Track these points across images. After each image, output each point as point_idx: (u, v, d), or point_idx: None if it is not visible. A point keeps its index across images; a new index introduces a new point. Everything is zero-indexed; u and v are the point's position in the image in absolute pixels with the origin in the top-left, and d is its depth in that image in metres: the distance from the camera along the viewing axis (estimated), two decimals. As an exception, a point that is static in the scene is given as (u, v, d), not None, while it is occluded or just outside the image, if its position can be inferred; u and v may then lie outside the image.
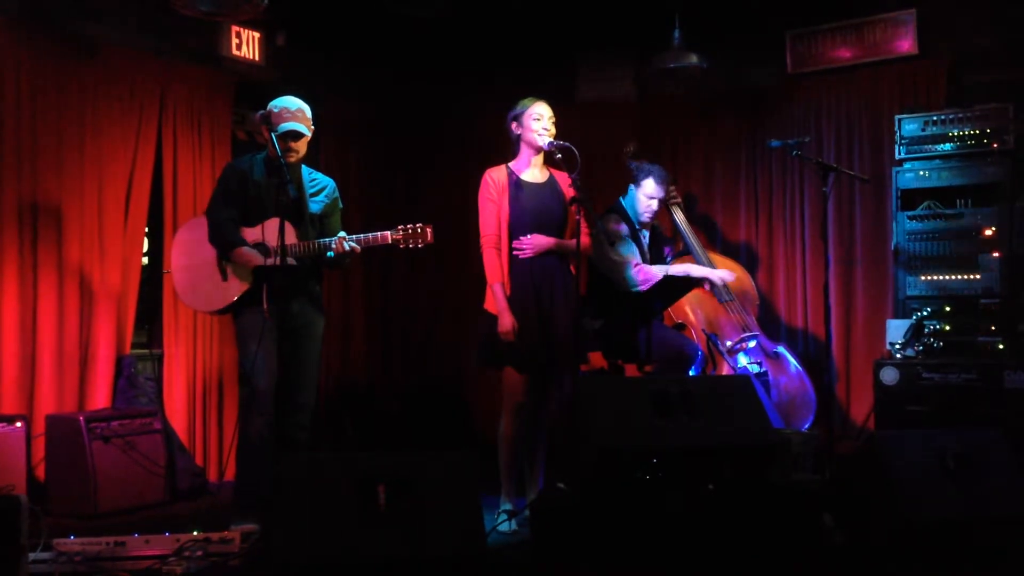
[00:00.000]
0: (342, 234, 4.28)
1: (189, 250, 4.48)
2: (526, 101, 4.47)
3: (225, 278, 4.34)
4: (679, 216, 5.53)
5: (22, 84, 4.89)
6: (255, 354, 4.18)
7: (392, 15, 5.42)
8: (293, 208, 4.17)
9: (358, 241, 4.24)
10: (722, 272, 5.26)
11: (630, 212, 5.16)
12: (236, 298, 4.32)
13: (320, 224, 4.43)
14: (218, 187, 4.43)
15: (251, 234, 4.32)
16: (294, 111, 4.28)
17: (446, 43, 6.49)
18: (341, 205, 4.57)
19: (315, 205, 4.42)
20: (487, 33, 6.41)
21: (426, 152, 7.08)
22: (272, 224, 4.20)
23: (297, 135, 4.28)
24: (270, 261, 4.22)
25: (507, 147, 4.60)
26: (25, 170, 4.91)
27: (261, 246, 4.27)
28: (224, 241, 4.32)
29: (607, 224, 5.02)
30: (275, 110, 4.28)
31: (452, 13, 5.38)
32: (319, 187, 4.48)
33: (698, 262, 5.37)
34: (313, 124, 4.39)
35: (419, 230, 4.22)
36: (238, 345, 4.41)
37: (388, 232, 4.23)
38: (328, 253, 4.26)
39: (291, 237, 4.18)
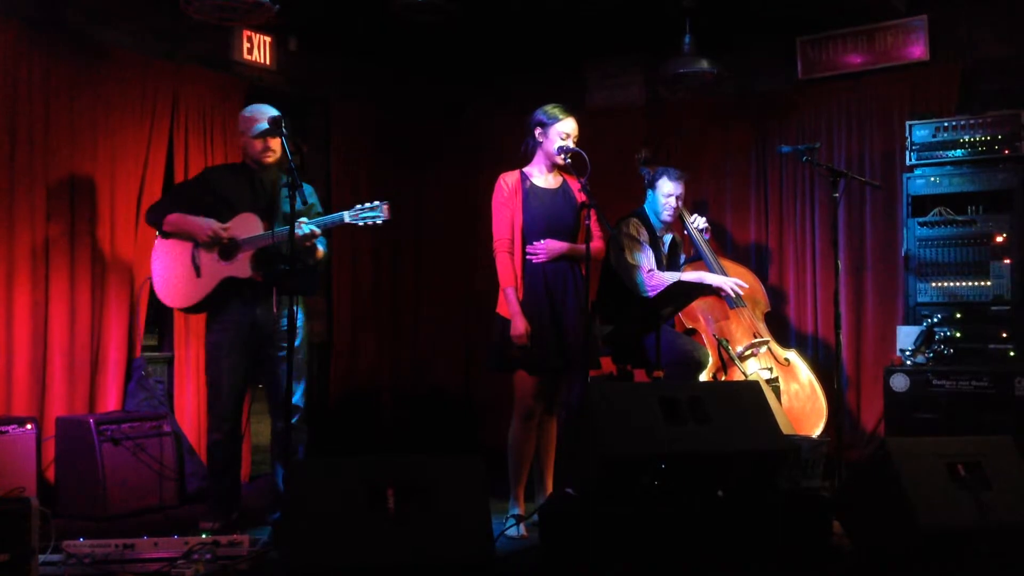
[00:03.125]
0: (302, 219, 4.30)
1: (167, 250, 4.51)
2: (557, 112, 4.43)
3: (199, 275, 4.40)
4: (690, 221, 5.52)
5: (35, 88, 4.91)
6: (220, 361, 4.35)
7: (402, 20, 5.43)
8: (264, 205, 4.37)
9: (317, 224, 4.29)
10: (734, 280, 5.26)
11: (651, 217, 5.18)
12: (208, 293, 4.37)
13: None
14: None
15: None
16: (265, 112, 4.41)
17: (456, 49, 6.50)
18: (320, 209, 4.59)
19: (287, 204, 4.46)
20: (497, 38, 6.41)
21: (436, 156, 7.09)
22: (240, 219, 4.33)
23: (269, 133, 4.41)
24: (238, 270, 4.32)
25: (518, 151, 4.60)
26: (38, 174, 4.93)
27: (231, 241, 4.34)
28: (154, 217, 4.48)
29: (627, 228, 5.04)
30: (247, 115, 4.44)
31: (462, 19, 5.39)
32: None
33: (710, 268, 5.36)
34: (326, 128, 4.43)
35: (375, 207, 4.25)
36: (206, 348, 4.52)
37: (344, 212, 4.27)
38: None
39: (258, 229, 4.31)
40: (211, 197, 4.43)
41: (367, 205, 4.25)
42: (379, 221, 4.24)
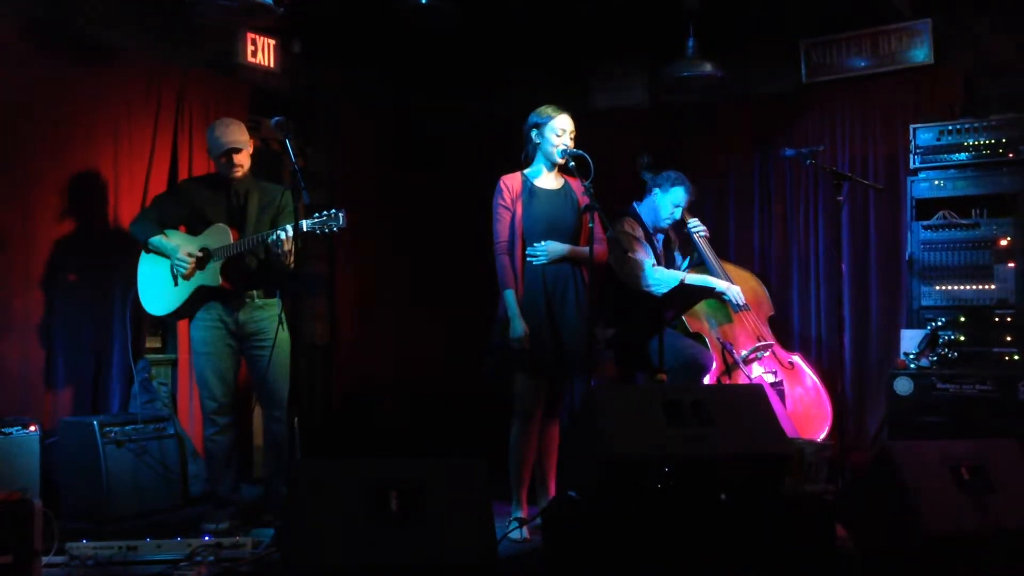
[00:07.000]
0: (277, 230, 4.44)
1: (150, 261, 4.72)
2: (550, 111, 4.45)
3: (176, 283, 4.61)
4: (691, 225, 5.52)
5: (38, 90, 4.92)
6: (204, 358, 4.55)
7: (406, 24, 5.44)
8: (237, 216, 4.57)
9: (277, 236, 4.38)
10: (737, 288, 5.26)
11: (645, 218, 5.18)
12: (184, 301, 4.57)
13: (270, 228, 4.56)
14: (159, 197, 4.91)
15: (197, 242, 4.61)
16: (228, 131, 4.53)
17: (459, 52, 6.50)
18: (293, 206, 4.63)
19: (262, 212, 4.63)
20: (500, 41, 6.41)
21: (441, 159, 7.09)
22: (213, 229, 4.54)
23: (237, 150, 4.55)
24: (209, 279, 4.50)
25: (520, 153, 4.59)
26: (41, 174, 4.94)
27: (205, 251, 4.55)
28: (140, 234, 4.66)
29: (624, 227, 5.05)
30: (211, 135, 4.57)
31: (465, 22, 5.39)
32: (269, 196, 4.68)
33: (712, 272, 5.36)
34: (329, 131, 4.46)
35: (332, 215, 4.32)
36: (190, 348, 4.72)
37: (304, 221, 4.33)
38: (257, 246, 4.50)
39: (229, 239, 4.50)
40: (188, 209, 4.63)
41: (326, 213, 4.33)
42: (336, 228, 4.33)
